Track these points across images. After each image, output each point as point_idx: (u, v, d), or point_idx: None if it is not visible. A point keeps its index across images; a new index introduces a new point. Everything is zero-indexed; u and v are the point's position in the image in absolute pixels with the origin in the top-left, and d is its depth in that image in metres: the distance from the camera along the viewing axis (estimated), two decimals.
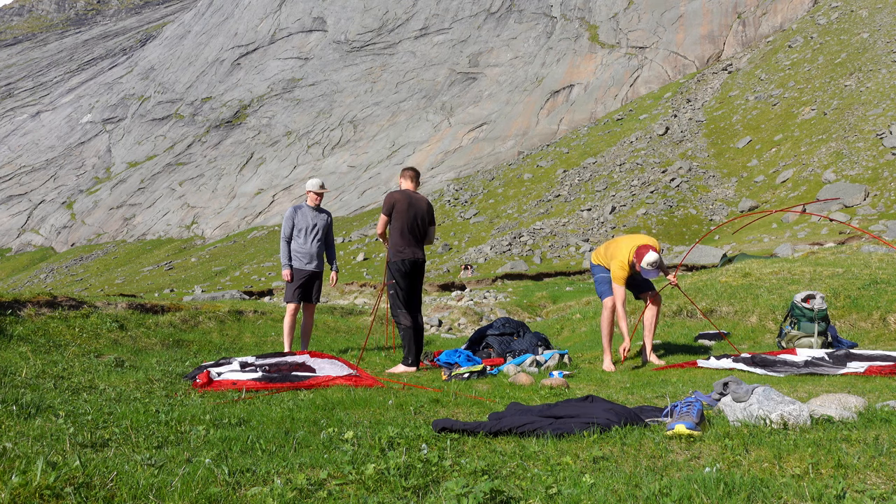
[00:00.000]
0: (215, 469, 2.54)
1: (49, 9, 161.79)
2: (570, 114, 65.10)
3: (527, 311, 15.81)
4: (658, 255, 6.39)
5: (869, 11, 55.08)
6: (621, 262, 6.53)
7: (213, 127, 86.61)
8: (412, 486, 2.47)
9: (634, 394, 4.70)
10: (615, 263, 6.59)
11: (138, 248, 72.85)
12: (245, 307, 10.44)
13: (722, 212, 39.20)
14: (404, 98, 77.42)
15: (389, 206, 6.74)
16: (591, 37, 70.69)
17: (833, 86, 46.75)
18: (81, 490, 2.22)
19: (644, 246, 6.45)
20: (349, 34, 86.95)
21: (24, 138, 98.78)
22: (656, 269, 6.39)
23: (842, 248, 16.06)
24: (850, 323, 7.99)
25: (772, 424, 3.14)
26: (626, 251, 6.55)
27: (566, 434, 3.20)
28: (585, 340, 9.79)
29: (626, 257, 6.52)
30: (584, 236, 38.26)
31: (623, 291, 6.61)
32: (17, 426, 3.26)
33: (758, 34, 62.80)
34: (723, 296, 9.53)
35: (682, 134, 51.65)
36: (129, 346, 7.15)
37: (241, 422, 3.72)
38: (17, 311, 7.06)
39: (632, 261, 6.50)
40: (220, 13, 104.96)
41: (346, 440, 3.11)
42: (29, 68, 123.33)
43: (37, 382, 4.67)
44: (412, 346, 6.67)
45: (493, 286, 22.26)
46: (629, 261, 6.51)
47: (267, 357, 6.42)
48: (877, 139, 37.21)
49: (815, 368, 5.64)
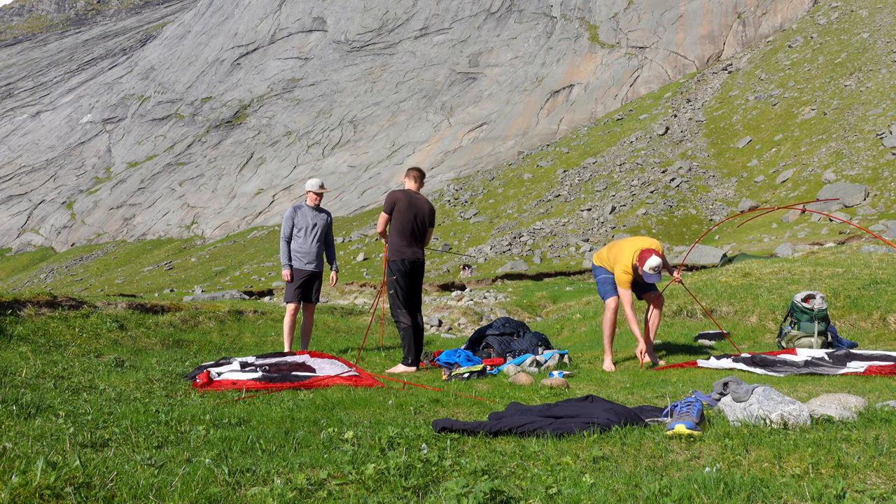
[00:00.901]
0: (215, 469, 2.54)
1: (49, 9, 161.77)
2: (570, 114, 65.09)
3: (527, 311, 15.81)
4: (661, 259, 6.38)
5: (869, 11, 55.08)
6: (625, 267, 6.52)
7: (213, 127, 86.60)
8: (412, 486, 2.47)
9: (634, 394, 4.70)
10: (619, 268, 6.58)
11: (138, 248, 72.85)
12: (245, 307, 10.44)
13: (722, 212, 39.21)
14: (404, 98, 77.42)
15: (390, 204, 6.74)
16: (591, 37, 70.69)
17: (833, 86, 46.75)
18: (81, 490, 2.22)
19: (647, 250, 6.43)
20: (349, 34, 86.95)
21: (24, 138, 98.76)
22: (658, 274, 6.37)
23: (842, 248, 16.06)
24: (850, 323, 7.99)
25: (772, 424, 3.14)
26: (629, 255, 6.53)
27: (566, 434, 3.20)
28: (585, 340, 9.79)
29: (630, 261, 6.50)
30: (584, 236, 38.25)
31: (630, 295, 6.60)
32: (17, 426, 3.26)
33: (758, 34, 62.80)
34: (723, 296, 9.53)
35: (682, 134, 51.65)
36: (129, 346, 7.15)
37: (241, 422, 3.72)
38: (17, 311, 7.06)
39: (635, 264, 6.49)
40: (220, 13, 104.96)
41: (346, 440, 3.11)
42: (29, 68, 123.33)
43: (37, 382, 4.67)
44: (412, 346, 6.67)
45: (493, 286, 22.25)
46: (632, 264, 6.50)
47: (267, 357, 6.41)
48: (877, 139, 37.21)
49: (815, 368, 5.64)
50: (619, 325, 9.92)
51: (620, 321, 10.05)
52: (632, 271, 6.51)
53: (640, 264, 6.39)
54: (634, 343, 7.77)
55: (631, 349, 7.64)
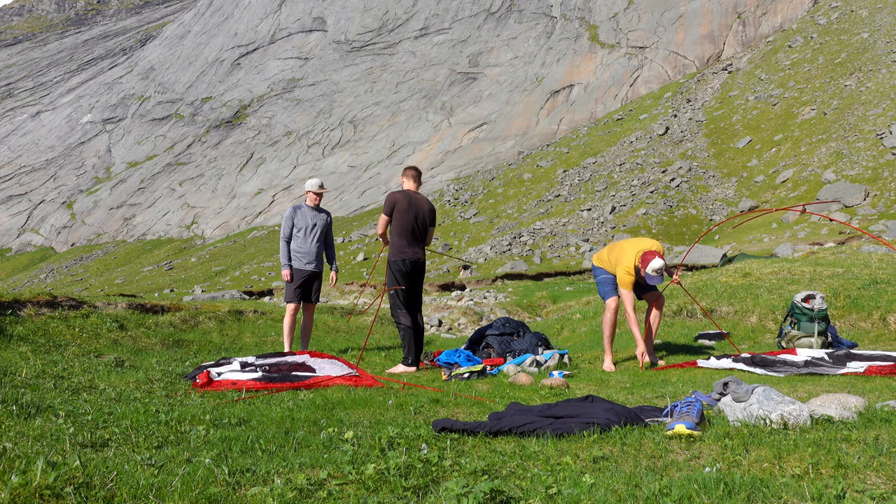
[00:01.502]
0: (215, 469, 2.54)
1: (49, 9, 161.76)
2: (570, 114, 65.09)
3: (527, 311, 15.80)
4: (664, 261, 6.34)
5: (869, 11, 55.08)
6: (627, 268, 6.48)
7: (213, 127, 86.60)
8: (412, 486, 2.47)
9: (634, 394, 4.70)
10: (621, 269, 6.54)
11: (138, 248, 72.85)
12: (245, 307, 10.44)
13: (722, 212, 39.20)
14: (404, 98, 77.41)
15: (390, 205, 6.72)
16: (591, 37, 70.68)
17: (833, 86, 46.75)
18: (81, 490, 2.22)
19: (650, 252, 6.39)
20: (349, 34, 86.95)
21: (24, 138, 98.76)
22: (661, 276, 6.33)
23: (842, 248, 16.06)
24: (850, 323, 7.99)
25: (772, 424, 3.14)
26: (631, 256, 6.50)
27: (566, 434, 3.20)
28: (585, 340, 9.79)
29: (632, 262, 6.47)
30: (584, 236, 38.25)
31: (632, 297, 6.57)
32: (17, 426, 3.26)
33: (758, 34, 62.81)
34: (723, 296, 9.53)
35: (682, 134, 51.65)
36: (129, 346, 7.15)
37: (241, 422, 3.72)
38: (17, 311, 7.05)
39: (637, 265, 6.46)
40: (220, 13, 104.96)
41: (346, 440, 3.11)
42: (29, 68, 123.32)
43: (37, 382, 4.66)
44: (412, 346, 6.67)
45: (493, 286, 22.25)
46: (634, 265, 6.47)
47: (267, 357, 6.41)
48: (877, 139, 37.21)
49: (815, 368, 5.64)
50: (619, 325, 9.94)
51: (620, 321, 10.05)
52: (634, 273, 6.48)
53: (643, 266, 6.35)
54: (634, 343, 7.77)
55: (631, 349, 7.64)
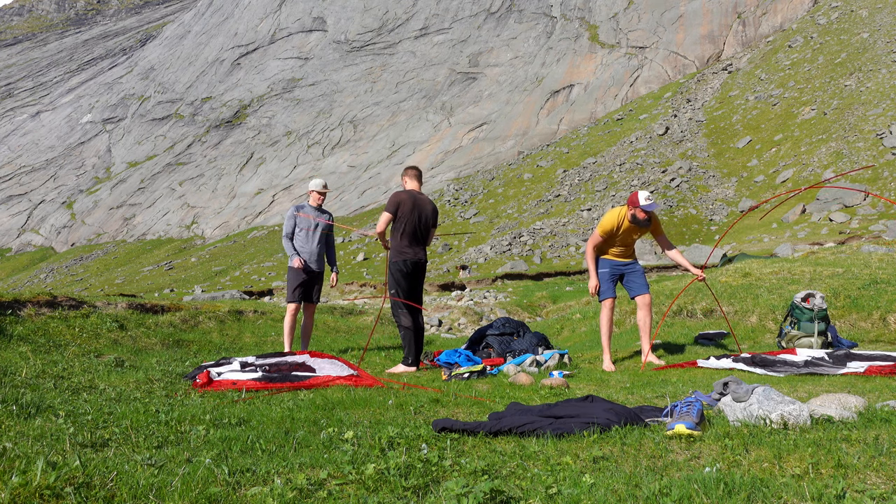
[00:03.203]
0: (215, 469, 2.54)
1: (49, 9, 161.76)
2: (570, 114, 65.08)
3: (527, 311, 15.80)
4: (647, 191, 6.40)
5: (869, 11, 55.08)
6: (610, 219, 6.50)
7: (213, 127, 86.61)
8: (412, 486, 2.47)
9: (634, 394, 4.69)
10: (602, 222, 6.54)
11: (138, 248, 72.85)
12: (245, 307, 10.44)
13: (722, 212, 39.19)
14: (404, 98, 77.41)
15: (395, 205, 6.69)
16: (591, 37, 70.68)
17: (833, 86, 46.75)
18: (81, 490, 2.22)
19: (632, 194, 6.44)
20: (349, 34, 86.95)
21: (24, 138, 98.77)
22: (654, 202, 6.36)
23: (842, 248, 16.06)
24: (850, 323, 7.99)
25: (772, 424, 3.14)
26: (614, 213, 6.53)
27: (566, 434, 3.20)
28: (585, 340, 9.79)
29: (616, 215, 6.49)
30: (584, 236, 38.24)
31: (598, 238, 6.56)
32: (17, 426, 3.26)
33: (758, 34, 62.80)
34: (723, 296, 9.53)
35: (682, 134, 51.64)
36: (129, 346, 7.15)
37: (241, 422, 3.72)
38: (17, 310, 7.05)
39: (628, 214, 6.45)
40: (220, 13, 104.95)
41: (346, 440, 3.11)
42: (29, 68, 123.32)
43: (37, 382, 4.67)
44: (412, 346, 6.66)
45: (493, 286, 22.25)
46: (622, 215, 6.47)
47: (267, 357, 6.41)
48: (877, 139, 37.21)
49: (815, 368, 5.64)
50: (618, 324, 9.95)
51: (619, 321, 10.07)
52: (618, 222, 6.48)
53: (636, 204, 6.34)
54: (634, 343, 7.77)
55: (631, 349, 7.64)
